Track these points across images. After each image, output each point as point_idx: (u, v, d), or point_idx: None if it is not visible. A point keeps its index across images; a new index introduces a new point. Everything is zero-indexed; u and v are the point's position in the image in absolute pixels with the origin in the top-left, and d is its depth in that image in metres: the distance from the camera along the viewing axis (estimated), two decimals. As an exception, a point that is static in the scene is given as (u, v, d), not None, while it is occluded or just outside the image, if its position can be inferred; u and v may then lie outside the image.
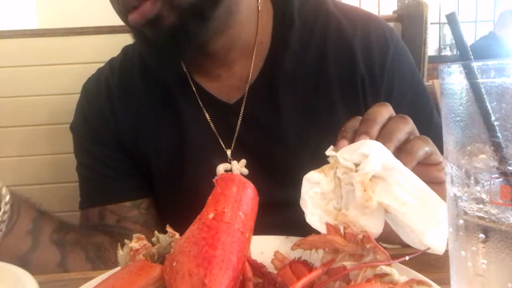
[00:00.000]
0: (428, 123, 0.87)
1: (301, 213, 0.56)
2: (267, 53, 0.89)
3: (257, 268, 0.47)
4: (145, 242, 0.51)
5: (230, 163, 0.89)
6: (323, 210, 0.55)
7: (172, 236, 0.51)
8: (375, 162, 0.52)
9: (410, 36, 1.32)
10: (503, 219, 0.37)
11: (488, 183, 0.37)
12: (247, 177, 0.73)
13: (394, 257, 0.47)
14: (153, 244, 0.52)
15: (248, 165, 0.89)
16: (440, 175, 0.63)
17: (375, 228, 0.52)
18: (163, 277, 0.43)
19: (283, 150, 0.88)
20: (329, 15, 0.91)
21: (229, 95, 0.91)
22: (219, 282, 0.40)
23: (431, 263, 0.55)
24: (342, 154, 0.55)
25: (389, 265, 0.46)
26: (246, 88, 0.89)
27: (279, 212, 0.79)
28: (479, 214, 0.38)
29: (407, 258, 0.48)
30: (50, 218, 0.86)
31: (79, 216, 0.99)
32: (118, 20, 0.83)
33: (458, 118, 0.39)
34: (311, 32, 0.90)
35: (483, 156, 0.38)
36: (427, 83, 1.60)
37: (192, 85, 0.91)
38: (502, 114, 0.36)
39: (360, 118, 0.63)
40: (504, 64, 0.36)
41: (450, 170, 0.41)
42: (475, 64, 0.37)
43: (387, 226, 0.53)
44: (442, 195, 0.48)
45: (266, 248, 0.57)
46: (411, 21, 1.33)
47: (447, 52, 6.53)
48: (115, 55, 1.04)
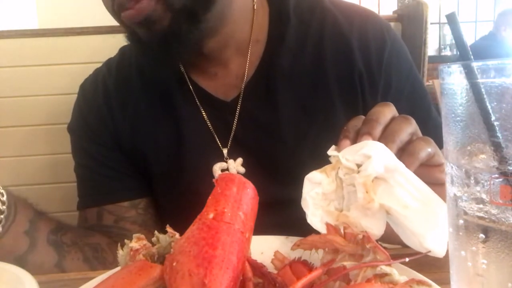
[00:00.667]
0: (426, 119, 0.87)
1: (300, 212, 0.56)
2: (263, 51, 0.89)
3: (257, 268, 0.47)
4: (145, 242, 0.51)
5: (227, 162, 0.89)
6: (325, 211, 0.55)
7: (172, 236, 0.51)
8: (378, 163, 0.52)
9: (410, 36, 1.32)
10: (503, 219, 0.37)
11: (488, 183, 0.37)
12: (244, 176, 0.73)
13: (394, 257, 0.47)
14: (153, 244, 0.52)
15: (245, 163, 0.89)
16: (442, 177, 0.62)
17: (376, 229, 0.52)
18: (163, 277, 0.44)
19: (280, 148, 0.88)
20: (325, 11, 0.91)
21: (226, 93, 0.91)
22: (219, 282, 0.40)
23: (431, 263, 0.55)
24: (344, 155, 0.55)
25: (389, 265, 0.46)
26: (242, 86, 0.89)
27: (278, 211, 0.79)
28: (479, 214, 0.38)
29: (407, 260, 0.48)
30: (47, 219, 0.86)
31: (77, 217, 0.99)
32: (118, 20, 0.83)
33: (458, 118, 0.39)
34: (308, 29, 0.90)
35: (483, 156, 0.38)
36: (427, 83, 1.60)
37: (189, 83, 0.91)
38: (502, 114, 0.36)
39: (362, 117, 0.63)
40: (504, 64, 0.36)
41: (450, 170, 0.41)
42: (475, 64, 0.37)
43: (387, 226, 0.53)
44: (444, 196, 0.48)
45: (266, 248, 0.57)
46: (411, 21, 1.33)
47: (447, 52, 6.52)
48: (115, 55, 1.03)
